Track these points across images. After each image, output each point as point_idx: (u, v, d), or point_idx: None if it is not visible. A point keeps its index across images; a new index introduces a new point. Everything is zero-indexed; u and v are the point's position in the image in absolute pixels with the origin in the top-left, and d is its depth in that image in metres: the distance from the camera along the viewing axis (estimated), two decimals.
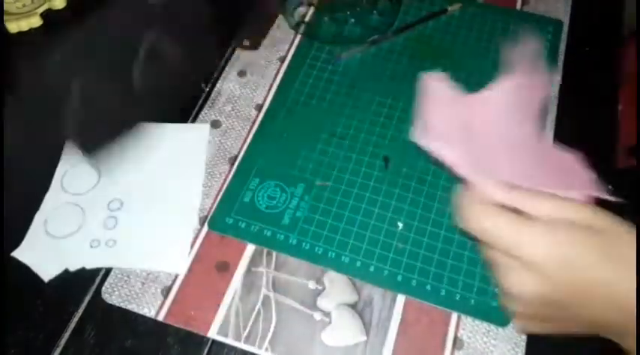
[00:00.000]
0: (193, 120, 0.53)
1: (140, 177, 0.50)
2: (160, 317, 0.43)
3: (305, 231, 0.46)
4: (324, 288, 0.44)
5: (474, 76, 0.54)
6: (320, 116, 0.53)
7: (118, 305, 0.44)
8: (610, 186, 0.49)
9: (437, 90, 0.39)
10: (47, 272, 0.45)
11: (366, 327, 0.43)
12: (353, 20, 0.59)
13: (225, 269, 0.45)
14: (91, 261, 0.45)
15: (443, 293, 0.44)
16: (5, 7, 0.59)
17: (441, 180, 0.49)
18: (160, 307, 0.44)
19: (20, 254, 0.45)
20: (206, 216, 0.48)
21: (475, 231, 0.35)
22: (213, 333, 0.43)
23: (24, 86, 0.53)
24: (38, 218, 0.47)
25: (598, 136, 0.53)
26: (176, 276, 0.45)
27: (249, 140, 0.52)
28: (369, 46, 0.57)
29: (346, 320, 0.43)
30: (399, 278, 0.44)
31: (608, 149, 0.52)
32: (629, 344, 0.35)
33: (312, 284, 0.45)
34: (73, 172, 0.50)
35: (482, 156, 0.37)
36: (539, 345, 0.42)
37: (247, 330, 0.43)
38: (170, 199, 0.49)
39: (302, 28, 0.59)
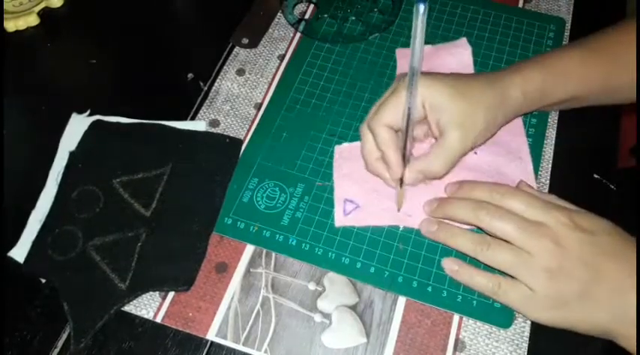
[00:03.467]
0: (192, 120, 0.52)
1: None
2: (158, 319, 0.43)
3: (305, 231, 0.46)
4: (324, 290, 0.44)
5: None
6: (320, 115, 0.52)
7: None
8: (612, 186, 0.49)
9: (345, 164, 0.49)
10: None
11: (367, 329, 0.42)
12: (353, 18, 0.59)
13: (223, 270, 0.45)
14: None
15: (444, 294, 0.43)
16: None
17: None
18: (159, 308, 0.43)
19: (16, 253, 0.45)
20: None
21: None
22: (211, 335, 0.42)
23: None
24: (34, 217, 0.47)
25: (600, 136, 0.52)
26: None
27: (248, 139, 0.51)
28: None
29: (346, 322, 0.43)
30: (400, 279, 0.44)
31: (610, 149, 0.52)
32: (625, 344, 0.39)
33: (311, 286, 0.44)
34: None
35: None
36: (542, 347, 0.42)
37: (246, 332, 0.42)
38: None
39: (301, 25, 0.58)
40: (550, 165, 0.50)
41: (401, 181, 0.45)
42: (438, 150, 0.43)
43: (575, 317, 0.39)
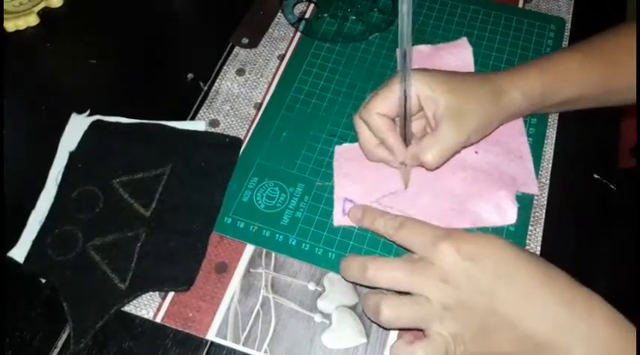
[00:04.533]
0: (192, 120, 0.52)
1: None
2: (158, 319, 0.43)
3: (305, 231, 0.46)
4: (324, 290, 0.44)
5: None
6: (320, 115, 0.52)
7: None
8: (612, 186, 0.49)
9: (345, 164, 0.49)
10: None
11: (367, 329, 0.42)
12: (353, 17, 0.59)
13: (223, 270, 0.45)
14: None
15: None
16: None
17: None
18: (158, 309, 0.43)
19: (16, 253, 0.45)
20: None
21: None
22: (211, 335, 0.42)
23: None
24: (34, 217, 0.47)
25: (600, 137, 0.52)
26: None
27: (247, 139, 0.51)
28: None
29: (346, 322, 0.43)
30: None
31: (610, 149, 0.52)
32: None
33: (311, 286, 0.44)
34: None
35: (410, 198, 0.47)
36: None
37: (246, 332, 0.42)
38: None
39: (301, 25, 0.58)
40: (550, 165, 0.50)
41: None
42: (431, 141, 0.43)
43: (485, 351, 0.37)
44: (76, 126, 0.51)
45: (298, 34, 0.58)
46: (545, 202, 0.48)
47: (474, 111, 0.43)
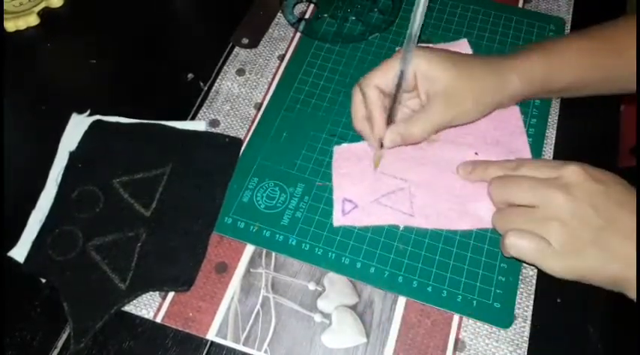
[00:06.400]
0: (192, 120, 0.52)
1: None
2: (158, 319, 0.43)
3: (304, 231, 0.46)
4: (324, 290, 0.44)
5: None
6: (320, 115, 0.52)
7: None
8: None
9: (344, 164, 0.50)
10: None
11: (367, 329, 0.42)
12: (353, 18, 0.59)
13: (223, 270, 0.45)
14: None
15: (444, 294, 0.43)
16: None
17: None
18: (159, 308, 0.43)
19: (16, 253, 0.45)
20: None
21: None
22: (211, 335, 0.42)
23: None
24: (34, 217, 0.47)
25: (600, 136, 0.52)
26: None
27: (248, 139, 0.51)
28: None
29: (346, 322, 0.43)
30: (400, 279, 0.44)
31: (610, 149, 0.52)
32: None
33: (311, 286, 0.44)
34: None
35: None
36: (542, 347, 0.42)
37: (246, 332, 0.42)
38: None
39: (301, 25, 0.58)
40: None
41: (382, 143, 0.47)
42: (419, 116, 0.45)
43: (588, 266, 0.39)
44: (76, 126, 0.51)
45: (298, 34, 0.58)
46: None
47: (469, 93, 0.45)
